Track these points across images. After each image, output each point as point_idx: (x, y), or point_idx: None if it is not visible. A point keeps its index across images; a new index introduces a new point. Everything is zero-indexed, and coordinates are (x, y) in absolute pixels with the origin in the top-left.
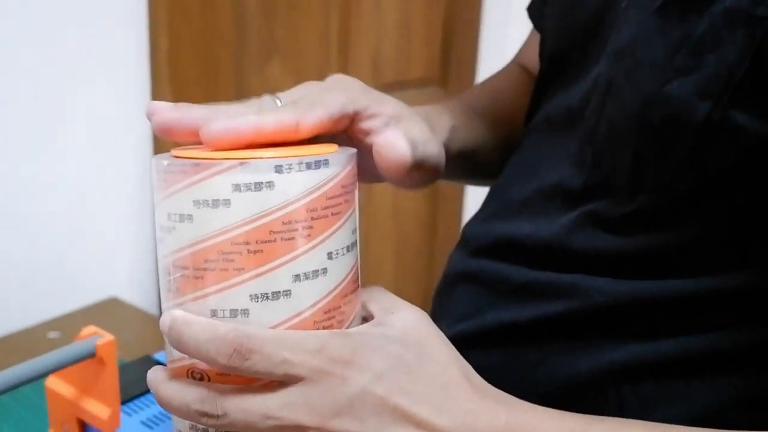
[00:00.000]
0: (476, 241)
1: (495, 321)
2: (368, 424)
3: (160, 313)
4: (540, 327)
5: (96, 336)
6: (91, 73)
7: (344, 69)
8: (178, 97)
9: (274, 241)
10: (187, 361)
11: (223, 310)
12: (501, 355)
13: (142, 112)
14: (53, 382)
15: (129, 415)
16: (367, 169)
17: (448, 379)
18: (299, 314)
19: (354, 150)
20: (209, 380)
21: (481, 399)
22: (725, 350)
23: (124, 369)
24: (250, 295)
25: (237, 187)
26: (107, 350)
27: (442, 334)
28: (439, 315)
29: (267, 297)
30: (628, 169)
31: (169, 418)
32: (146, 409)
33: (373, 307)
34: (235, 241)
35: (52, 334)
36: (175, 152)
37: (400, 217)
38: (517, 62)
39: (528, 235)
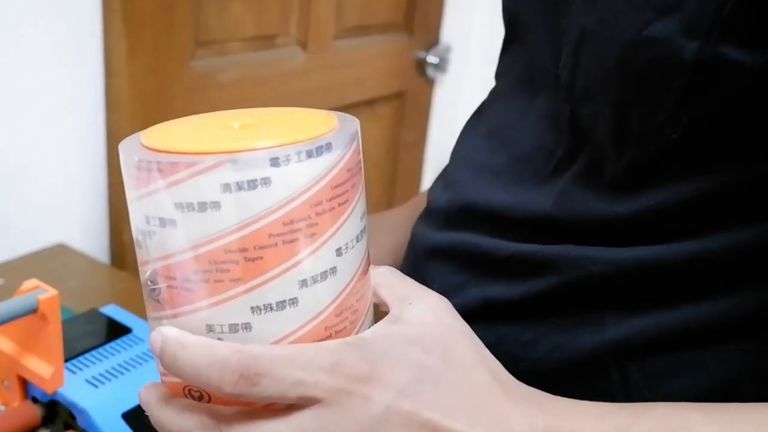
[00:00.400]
0: (446, 214)
1: (480, 298)
2: None
3: (112, 260)
4: (531, 304)
5: (38, 290)
6: (37, 12)
7: (307, 11)
8: (131, 39)
9: (275, 245)
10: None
11: (221, 326)
12: (490, 336)
13: (93, 54)
14: None
15: (73, 372)
16: None
17: (477, 384)
18: (309, 322)
19: (356, 120)
20: (209, 400)
21: (515, 404)
22: (733, 316)
23: (70, 323)
24: (252, 308)
25: (227, 188)
26: (50, 306)
27: (466, 326)
28: None
29: (271, 308)
30: (612, 122)
31: (116, 376)
32: (92, 367)
33: (385, 294)
34: (229, 249)
35: None
36: (145, 138)
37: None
38: None
39: (508, 205)
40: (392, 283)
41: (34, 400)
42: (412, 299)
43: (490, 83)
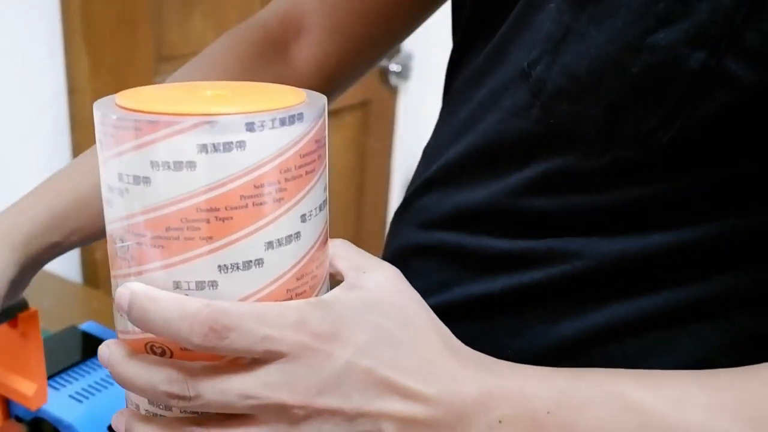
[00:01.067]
0: (427, 213)
1: (464, 295)
2: (353, 399)
3: (85, 280)
4: (516, 297)
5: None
6: None
7: None
8: (93, 56)
9: (245, 206)
10: (144, 335)
11: (188, 282)
12: (475, 329)
13: (55, 73)
14: None
15: (56, 389)
16: None
17: (430, 347)
18: (272, 283)
19: (324, 97)
20: (172, 355)
21: (464, 366)
22: (708, 298)
23: (50, 341)
24: (219, 266)
25: (203, 148)
26: (30, 322)
27: (417, 294)
28: None
29: (237, 267)
30: (597, 120)
31: (99, 391)
32: (74, 383)
33: (342, 265)
34: (200, 208)
35: None
36: (121, 100)
37: (329, 175)
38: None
39: (483, 200)
40: (348, 254)
41: (18, 419)
42: (367, 269)
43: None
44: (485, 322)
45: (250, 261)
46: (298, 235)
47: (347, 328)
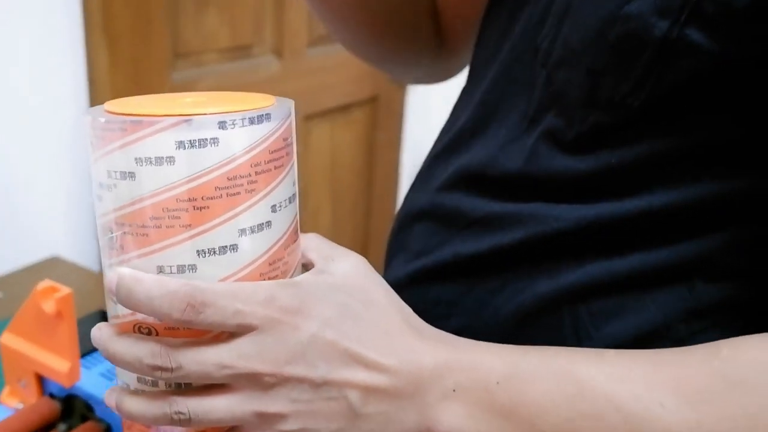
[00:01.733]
0: (434, 179)
1: (453, 254)
2: (319, 369)
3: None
4: (499, 257)
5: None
6: (18, 29)
7: (280, 20)
8: (112, 51)
9: (220, 197)
10: (133, 317)
11: (170, 267)
12: (461, 286)
13: (76, 67)
14: (8, 339)
15: (87, 368)
16: None
17: (391, 323)
18: (245, 267)
19: (291, 101)
20: (157, 334)
21: (422, 340)
22: (674, 265)
23: (81, 323)
24: (197, 251)
25: (181, 144)
26: (65, 304)
27: (381, 279)
28: (395, 252)
29: (214, 252)
30: (582, 86)
31: None
32: (105, 362)
33: (313, 255)
34: (180, 198)
35: None
36: (109, 106)
37: (337, 168)
38: None
39: (485, 163)
40: (318, 246)
41: (52, 395)
42: (335, 257)
43: (461, 83)
44: (471, 280)
45: (226, 246)
46: (269, 223)
47: (313, 304)
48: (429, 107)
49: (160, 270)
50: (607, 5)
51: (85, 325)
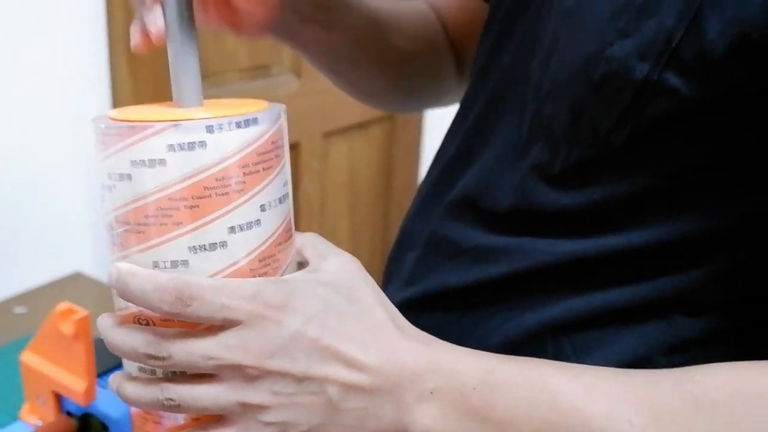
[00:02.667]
0: (427, 207)
1: (440, 285)
2: (301, 363)
3: None
4: (486, 288)
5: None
6: (48, 51)
7: None
8: (136, 74)
9: (210, 196)
10: (134, 309)
11: (165, 262)
12: (449, 316)
13: (101, 88)
14: (28, 357)
15: (104, 388)
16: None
17: (375, 322)
18: (235, 263)
19: (282, 106)
20: (155, 326)
21: (406, 339)
22: (653, 300)
23: (98, 343)
24: (189, 247)
25: (171, 147)
26: (82, 326)
27: (371, 279)
28: (389, 279)
29: (205, 248)
30: (567, 122)
31: None
32: None
33: (308, 253)
34: (172, 198)
35: (19, 309)
36: (111, 114)
37: (355, 183)
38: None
39: (477, 194)
40: (314, 245)
41: (69, 414)
42: (328, 256)
43: None
44: (459, 310)
45: (216, 243)
46: (258, 222)
47: (298, 300)
48: (446, 124)
49: (156, 265)
50: (592, 45)
51: (103, 344)
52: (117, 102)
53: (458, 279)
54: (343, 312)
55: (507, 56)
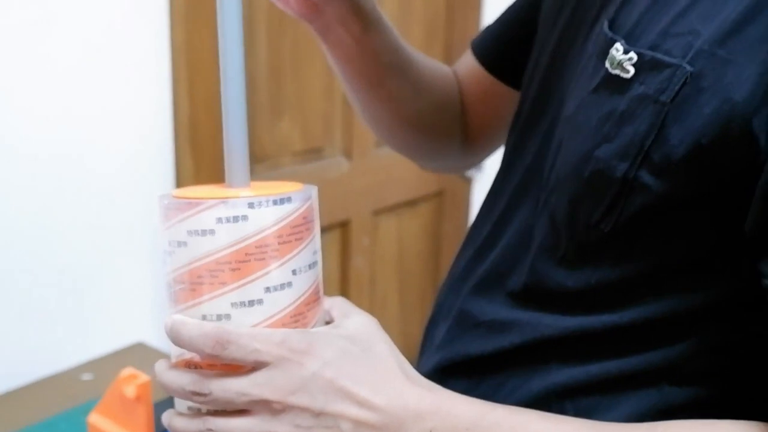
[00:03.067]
0: (457, 282)
1: (463, 354)
2: (318, 400)
3: None
4: (500, 357)
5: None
6: (118, 137)
7: (349, 124)
8: (197, 157)
9: (250, 261)
10: (186, 356)
11: (211, 315)
12: (470, 382)
13: (166, 170)
14: (95, 419)
15: None
16: None
17: (386, 369)
18: (270, 318)
19: (314, 187)
20: (200, 369)
21: (412, 385)
22: (644, 370)
23: (157, 407)
24: (231, 303)
25: (219, 220)
26: (144, 390)
27: (386, 335)
28: (425, 346)
29: (244, 304)
30: (566, 211)
31: None
32: None
33: (334, 313)
34: (219, 261)
35: (86, 376)
36: (173, 192)
37: (404, 259)
38: (453, 69)
39: (496, 274)
40: (341, 307)
41: None
42: (351, 315)
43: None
44: (477, 377)
45: (253, 300)
46: (290, 284)
47: (319, 347)
48: None
49: (204, 317)
50: (584, 147)
51: (164, 407)
52: (180, 183)
53: (477, 349)
54: (357, 359)
55: (529, 155)
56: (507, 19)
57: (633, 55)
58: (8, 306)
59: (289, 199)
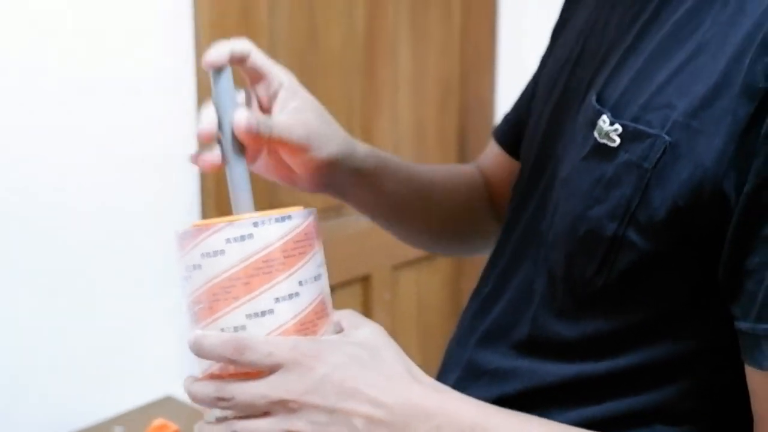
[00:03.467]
0: (464, 335)
1: None
2: (330, 399)
3: None
4: (505, 403)
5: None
6: (141, 192)
7: None
8: (221, 200)
9: (258, 275)
10: (209, 371)
11: (228, 328)
12: None
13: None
14: None
15: None
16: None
17: (393, 371)
18: (281, 326)
19: (313, 209)
20: (224, 379)
21: (420, 386)
22: (637, 411)
23: None
24: (245, 315)
25: (228, 240)
26: None
27: (394, 343)
28: None
29: (257, 315)
30: (563, 267)
31: None
32: None
33: (344, 324)
34: (231, 278)
35: (117, 429)
36: (193, 224)
37: (424, 313)
38: (476, 164)
39: (500, 327)
40: (350, 318)
41: None
42: (360, 326)
43: None
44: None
45: (265, 311)
46: (297, 294)
47: (328, 353)
48: None
49: (222, 330)
50: (578, 208)
51: None
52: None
53: (482, 395)
54: (365, 363)
55: (527, 215)
56: (520, 104)
57: (618, 126)
58: (43, 361)
59: (289, 217)
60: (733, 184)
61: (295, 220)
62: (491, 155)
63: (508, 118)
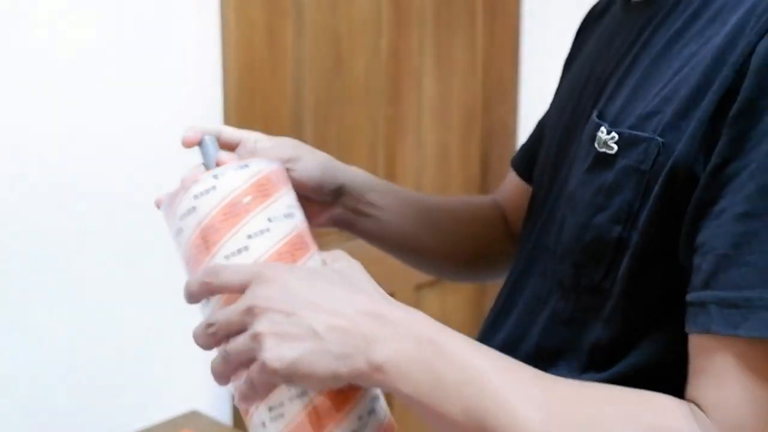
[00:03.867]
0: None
1: None
2: (290, 305)
3: (235, 423)
4: None
5: None
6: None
7: None
8: None
9: (227, 219)
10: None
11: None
12: None
13: None
14: None
15: None
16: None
17: (359, 289)
18: (257, 259)
19: (278, 161)
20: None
21: (384, 302)
22: None
23: None
24: (224, 257)
25: (196, 197)
26: None
27: (367, 274)
28: None
29: (234, 254)
30: (571, 275)
31: None
32: None
33: (328, 260)
34: (205, 228)
35: None
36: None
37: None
38: (494, 195)
39: (512, 340)
40: (335, 254)
41: None
42: (339, 259)
43: None
44: None
45: (240, 248)
46: (268, 230)
47: (292, 270)
48: None
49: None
50: (583, 217)
51: None
52: None
53: None
54: (332, 281)
55: (535, 233)
56: (535, 133)
57: (615, 134)
58: (71, 378)
59: (247, 165)
60: (702, 168)
61: (254, 167)
62: (509, 184)
63: (524, 147)
